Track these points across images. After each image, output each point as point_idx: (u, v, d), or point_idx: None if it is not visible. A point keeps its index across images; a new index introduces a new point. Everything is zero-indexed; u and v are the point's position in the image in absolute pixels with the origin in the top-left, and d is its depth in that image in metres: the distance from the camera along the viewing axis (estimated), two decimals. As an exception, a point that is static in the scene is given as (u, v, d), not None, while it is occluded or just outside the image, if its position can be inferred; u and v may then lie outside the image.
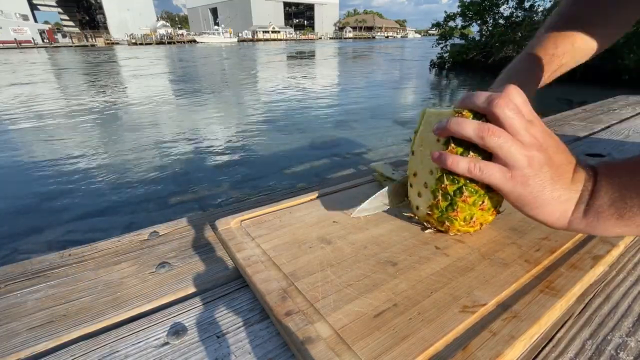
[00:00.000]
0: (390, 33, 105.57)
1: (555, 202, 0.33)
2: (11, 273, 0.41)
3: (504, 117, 0.32)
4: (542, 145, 0.33)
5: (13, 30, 52.32)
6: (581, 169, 0.34)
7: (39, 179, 3.40)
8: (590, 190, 0.33)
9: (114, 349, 0.31)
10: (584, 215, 0.33)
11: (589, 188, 0.33)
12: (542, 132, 0.33)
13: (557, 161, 0.33)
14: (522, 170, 0.32)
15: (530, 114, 0.33)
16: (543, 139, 0.33)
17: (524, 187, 0.33)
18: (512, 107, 0.32)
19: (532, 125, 0.33)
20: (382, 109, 6.52)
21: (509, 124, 0.32)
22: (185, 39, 66.84)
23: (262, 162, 3.84)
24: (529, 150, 0.32)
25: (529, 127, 0.32)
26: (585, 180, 0.33)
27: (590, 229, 0.33)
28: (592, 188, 0.33)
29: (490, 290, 0.34)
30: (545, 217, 0.34)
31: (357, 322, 0.31)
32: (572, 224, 0.34)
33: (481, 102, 0.34)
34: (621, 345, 0.31)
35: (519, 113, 0.32)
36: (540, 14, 11.66)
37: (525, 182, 0.32)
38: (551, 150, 0.33)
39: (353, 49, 32.76)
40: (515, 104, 0.33)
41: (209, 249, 0.46)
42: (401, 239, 0.44)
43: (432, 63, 14.47)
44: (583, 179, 0.34)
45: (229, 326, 0.33)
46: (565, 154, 0.34)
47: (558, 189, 0.33)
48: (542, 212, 0.34)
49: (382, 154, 3.93)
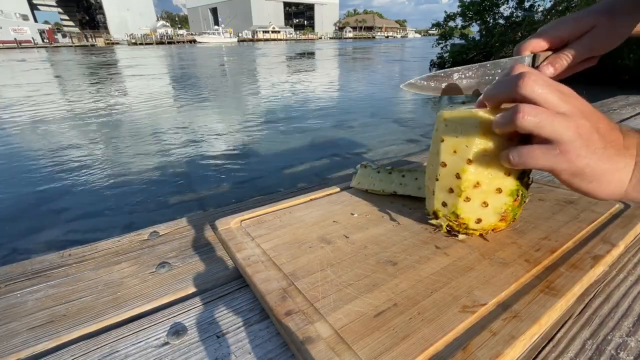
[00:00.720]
0: (390, 33, 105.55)
1: (613, 171, 0.30)
2: (11, 273, 0.41)
3: (536, 95, 0.30)
4: (584, 112, 0.30)
5: (13, 30, 52.31)
6: (629, 133, 0.32)
7: (39, 178, 3.40)
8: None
9: (114, 349, 0.31)
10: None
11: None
12: (578, 99, 0.31)
13: (603, 127, 0.30)
14: (572, 143, 0.29)
15: (558, 84, 0.31)
16: (583, 106, 0.30)
17: (578, 159, 0.30)
18: (540, 82, 0.30)
19: (565, 94, 0.30)
20: (383, 109, 6.52)
21: (544, 99, 0.30)
22: (185, 39, 66.83)
23: (262, 162, 3.84)
24: (574, 120, 0.29)
25: (564, 98, 0.30)
26: (637, 145, 0.31)
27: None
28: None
29: (491, 290, 0.34)
30: (601, 189, 0.31)
31: (357, 322, 0.31)
32: (630, 192, 0.31)
33: (504, 91, 0.32)
34: (621, 345, 0.31)
35: (550, 85, 0.30)
36: (540, 14, 11.67)
37: (578, 154, 0.29)
38: (594, 117, 0.30)
39: (353, 49, 32.76)
40: (543, 78, 0.30)
41: (209, 249, 0.46)
42: (401, 239, 0.44)
43: (432, 63, 14.46)
44: (635, 144, 0.31)
45: (229, 326, 0.33)
46: (607, 119, 0.31)
47: (613, 156, 0.30)
48: (598, 184, 0.31)
49: (382, 154, 3.93)
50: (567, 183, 0.32)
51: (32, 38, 53.82)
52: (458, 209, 0.40)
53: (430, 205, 0.44)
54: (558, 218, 0.48)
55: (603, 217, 0.48)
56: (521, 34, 11.17)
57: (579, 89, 0.32)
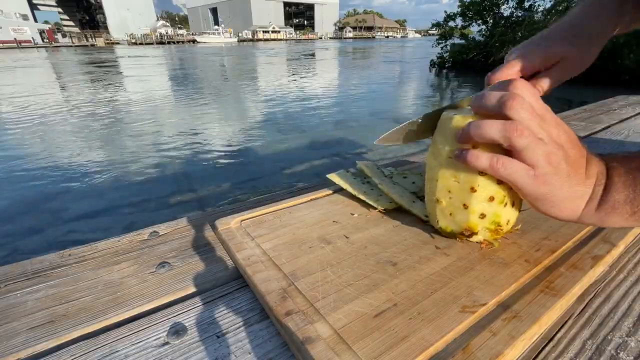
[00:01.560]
0: (390, 33, 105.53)
1: (571, 198, 0.33)
2: (11, 273, 0.41)
3: (519, 118, 0.31)
4: (558, 141, 0.32)
5: (13, 30, 52.30)
6: (593, 161, 0.34)
7: (38, 178, 3.40)
8: (603, 185, 0.33)
9: (114, 349, 0.31)
10: (597, 210, 0.33)
11: (602, 182, 0.33)
12: (556, 126, 0.33)
13: (572, 156, 0.33)
14: (543, 169, 0.32)
15: (541, 108, 0.33)
16: (557, 135, 0.32)
17: (545, 185, 0.32)
18: (526, 107, 0.32)
19: (545, 121, 0.32)
20: (383, 109, 6.53)
21: (526, 124, 0.31)
22: (185, 39, 66.78)
23: (262, 162, 3.84)
24: (548, 148, 0.32)
25: (542, 125, 0.32)
26: (598, 174, 0.33)
27: (600, 222, 0.34)
28: (605, 183, 0.33)
29: (490, 290, 0.34)
30: (559, 213, 0.34)
31: (357, 322, 0.31)
32: (583, 217, 0.34)
33: (493, 104, 0.33)
34: (621, 345, 0.31)
35: (534, 112, 0.32)
36: (540, 14, 11.67)
37: (545, 181, 0.32)
38: (567, 146, 0.32)
39: (353, 49, 32.75)
40: (529, 103, 0.32)
41: (209, 249, 0.46)
42: (401, 239, 0.44)
43: (432, 63, 14.48)
44: (596, 173, 0.34)
45: (229, 326, 0.33)
46: (578, 146, 0.33)
47: (574, 185, 0.33)
48: (557, 209, 0.34)
49: (382, 154, 3.93)
50: (531, 203, 0.35)
51: (32, 38, 53.80)
52: (498, 217, 0.38)
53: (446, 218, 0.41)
54: (558, 218, 0.48)
55: (603, 217, 0.48)
56: (521, 34, 11.18)
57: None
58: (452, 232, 0.41)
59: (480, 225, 0.39)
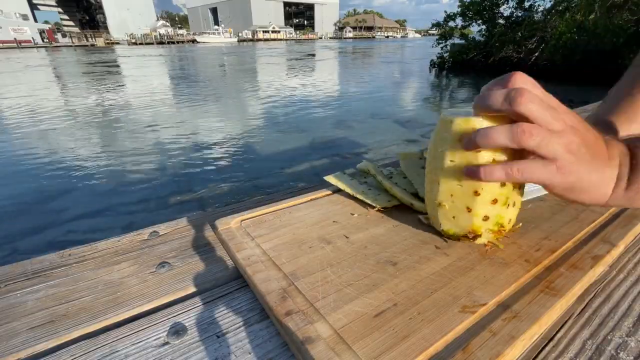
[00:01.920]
0: (390, 33, 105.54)
1: (599, 180, 0.33)
2: (11, 273, 0.41)
3: (530, 113, 0.31)
4: (573, 127, 0.32)
5: (13, 30, 52.28)
6: (611, 142, 0.34)
7: (38, 178, 3.40)
8: (628, 165, 0.33)
9: (114, 348, 0.31)
10: (626, 190, 0.33)
11: (626, 163, 0.33)
12: (567, 113, 0.32)
13: (589, 139, 0.32)
14: (564, 159, 0.31)
15: (548, 97, 0.32)
16: (570, 120, 0.32)
17: (571, 175, 0.32)
18: (536, 100, 0.31)
19: (555, 110, 0.31)
20: (383, 109, 6.52)
21: (538, 116, 0.31)
22: (185, 39, 66.74)
23: (262, 162, 3.84)
24: (564, 136, 0.31)
25: (555, 115, 0.31)
26: (620, 155, 0.33)
27: (630, 203, 0.34)
28: (630, 162, 0.33)
29: (490, 290, 0.34)
30: (588, 198, 0.34)
31: (357, 322, 0.31)
32: (612, 200, 0.34)
33: (499, 103, 0.32)
34: (621, 345, 0.31)
35: (542, 103, 0.31)
36: (540, 14, 11.66)
37: (571, 170, 0.32)
38: (582, 130, 0.32)
39: (353, 49, 32.75)
40: (536, 95, 0.31)
41: (209, 249, 0.46)
42: (401, 239, 0.44)
43: (432, 63, 14.47)
44: (618, 153, 0.33)
45: (229, 326, 0.33)
46: (592, 130, 0.33)
47: (600, 167, 0.32)
48: (587, 194, 0.34)
49: (383, 154, 3.93)
50: (559, 195, 0.34)
51: (32, 38, 53.78)
52: (501, 218, 0.38)
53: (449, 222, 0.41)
54: (558, 218, 0.48)
55: (603, 217, 0.48)
56: (521, 34, 11.17)
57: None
58: (455, 235, 0.41)
59: (483, 227, 0.39)
